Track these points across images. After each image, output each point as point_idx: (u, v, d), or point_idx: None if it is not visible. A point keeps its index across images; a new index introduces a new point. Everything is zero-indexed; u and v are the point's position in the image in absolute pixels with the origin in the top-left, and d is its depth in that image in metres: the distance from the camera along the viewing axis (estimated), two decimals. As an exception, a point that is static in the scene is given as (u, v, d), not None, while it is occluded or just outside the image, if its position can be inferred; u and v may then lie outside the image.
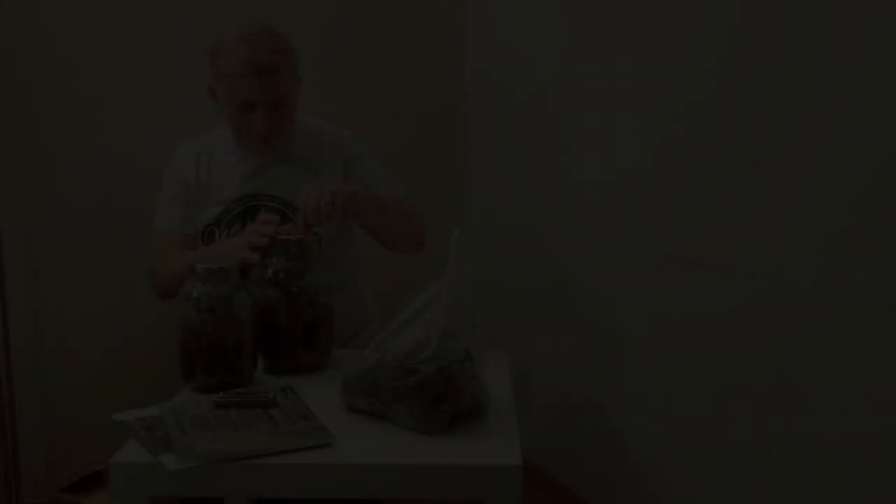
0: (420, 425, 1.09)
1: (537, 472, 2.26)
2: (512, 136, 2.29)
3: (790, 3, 1.39)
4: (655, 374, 1.79)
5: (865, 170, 1.27)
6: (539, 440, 2.26)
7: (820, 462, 1.38)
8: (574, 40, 1.99)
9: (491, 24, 2.37)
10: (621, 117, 1.84)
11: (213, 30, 1.65)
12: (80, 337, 2.10)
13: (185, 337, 1.26)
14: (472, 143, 2.51)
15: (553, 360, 2.18)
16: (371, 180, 1.67)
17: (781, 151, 1.42)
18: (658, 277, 1.74)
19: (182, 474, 1.00)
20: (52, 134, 2.01)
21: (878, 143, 1.25)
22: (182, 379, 1.29)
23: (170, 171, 1.69)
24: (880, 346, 1.27)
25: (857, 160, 1.28)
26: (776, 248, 1.44)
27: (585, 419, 2.07)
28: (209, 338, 1.24)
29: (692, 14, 1.61)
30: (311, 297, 1.36)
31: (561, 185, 2.08)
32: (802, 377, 1.40)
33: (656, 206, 1.74)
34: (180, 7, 2.11)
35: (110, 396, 2.08)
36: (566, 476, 2.17)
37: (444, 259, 1.12)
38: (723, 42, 1.54)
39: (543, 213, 2.18)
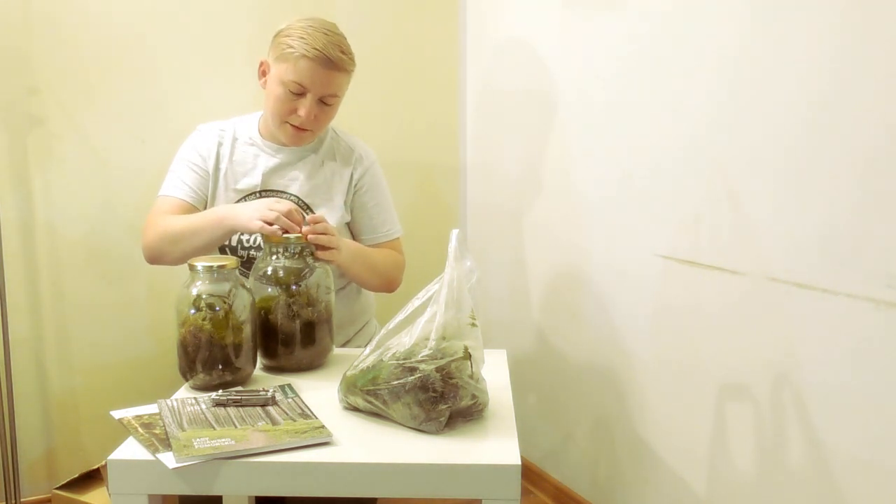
0: (419, 424, 1.09)
1: (536, 472, 2.26)
2: (512, 135, 2.29)
3: (797, 9, 1.39)
4: (655, 374, 1.79)
5: (865, 170, 1.27)
6: (538, 440, 2.26)
7: (819, 462, 1.38)
8: (575, 40, 1.98)
9: (491, 23, 2.36)
10: (621, 117, 1.84)
11: (213, 28, 1.65)
12: (79, 336, 2.10)
13: (183, 335, 1.26)
14: (473, 143, 2.51)
15: (552, 360, 2.18)
16: (376, 216, 1.71)
17: (781, 152, 1.42)
18: (657, 277, 1.74)
19: (180, 472, 1.00)
20: (51, 135, 2.01)
21: (880, 144, 1.25)
22: (181, 377, 1.29)
23: (189, 144, 1.69)
24: (880, 346, 1.27)
25: (856, 161, 1.28)
26: (775, 247, 1.44)
27: (584, 419, 2.07)
28: (208, 336, 1.24)
29: (693, 15, 1.60)
30: (311, 295, 1.36)
31: (561, 185, 2.08)
32: (802, 378, 1.40)
33: (656, 206, 1.74)
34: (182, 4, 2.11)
35: (109, 395, 2.10)
36: (566, 476, 2.17)
37: (443, 259, 1.12)
38: (724, 42, 1.53)
39: (543, 212, 2.18)
